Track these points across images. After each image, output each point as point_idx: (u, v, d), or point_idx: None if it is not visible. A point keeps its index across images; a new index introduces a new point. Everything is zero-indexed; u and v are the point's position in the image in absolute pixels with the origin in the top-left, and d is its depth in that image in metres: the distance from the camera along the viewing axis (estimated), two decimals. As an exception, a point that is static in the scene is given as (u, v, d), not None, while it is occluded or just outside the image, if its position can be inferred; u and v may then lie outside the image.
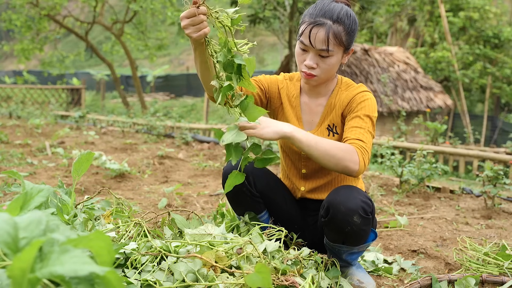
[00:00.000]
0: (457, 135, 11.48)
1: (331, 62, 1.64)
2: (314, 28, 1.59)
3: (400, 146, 5.74)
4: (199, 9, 1.35)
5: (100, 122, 8.64)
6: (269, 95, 1.85)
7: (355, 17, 1.67)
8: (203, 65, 1.53)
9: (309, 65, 1.64)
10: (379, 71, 10.63)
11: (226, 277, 1.43)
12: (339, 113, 1.77)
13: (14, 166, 4.03)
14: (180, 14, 10.49)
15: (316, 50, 1.61)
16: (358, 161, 1.54)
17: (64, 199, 1.77)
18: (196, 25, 1.37)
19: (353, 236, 1.61)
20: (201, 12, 1.36)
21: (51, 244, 0.76)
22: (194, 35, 1.38)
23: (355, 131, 1.63)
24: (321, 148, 1.52)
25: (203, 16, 1.36)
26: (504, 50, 13.92)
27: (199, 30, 1.37)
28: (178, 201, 3.05)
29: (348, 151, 1.54)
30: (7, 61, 36.65)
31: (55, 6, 12.17)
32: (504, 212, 3.11)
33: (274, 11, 11.49)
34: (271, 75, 1.89)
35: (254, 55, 27.61)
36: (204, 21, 1.37)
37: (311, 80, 1.69)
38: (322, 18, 1.60)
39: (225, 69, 1.44)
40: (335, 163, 1.54)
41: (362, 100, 1.70)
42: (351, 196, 1.57)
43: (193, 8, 1.35)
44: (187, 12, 1.37)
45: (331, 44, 1.60)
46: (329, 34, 1.58)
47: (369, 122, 1.66)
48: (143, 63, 27.84)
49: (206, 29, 1.38)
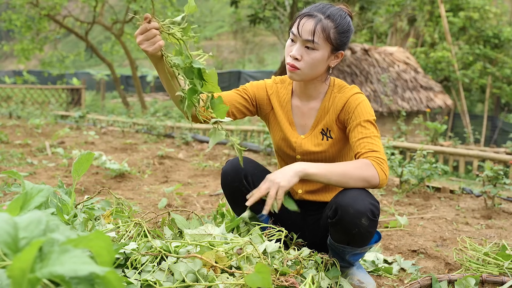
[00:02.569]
0: (457, 135, 11.48)
1: (315, 56, 1.63)
2: (304, 18, 1.62)
3: (400, 146, 5.74)
4: (150, 24, 1.41)
5: (100, 122, 8.63)
6: (257, 102, 1.85)
7: (350, 22, 1.67)
8: (168, 82, 1.56)
9: (293, 56, 1.64)
10: (379, 71, 10.63)
11: (226, 277, 1.43)
12: (333, 117, 1.76)
13: (14, 166, 4.03)
14: (179, 14, 10.63)
15: (303, 40, 1.61)
16: (377, 173, 1.55)
17: (64, 199, 1.77)
18: (150, 39, 1.42)
19: (359, 238, 1.61)
20: (153, 27, 1.41)
21: (51, 244, 0.76)
22: (150, 48, 1.43)
23: (363, 143, 1.63)
24: (337, 174, 1.55)
25: (155, 30, 1.42)
26: (504, 50, 13.91)
27: (153, 44, 1.42)
28: (178, 201, 3.05)
29: (365, 167, 1.55)
30: (7, 61, 36.65)
31: (55, 6, 12.17)
32: (504, 212, 3.11)
33: (274, 11, 11.49)
34: (259, 82, 1.88)
35: (254, 55, 27.56)
36: (157, 34, 1.42)
37: (294, 74, 1.67)
38: (315, 12, 1.62)
39: (186, 76, 1.45)
40: (355, 184, 1.56)
41: (357, 104, 1.70)
42: (360, 198, 1.57)
43: (145, 24, 1.41)
44: (139, 29, 1.43)
45: (317, 36, 1.60)
46: (317, 25, 1.59)
47: (372, 127, 1.66)
48: (143, 63, 27.83)
49: (161, 42, 1.43)
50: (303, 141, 1.80)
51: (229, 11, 20.21)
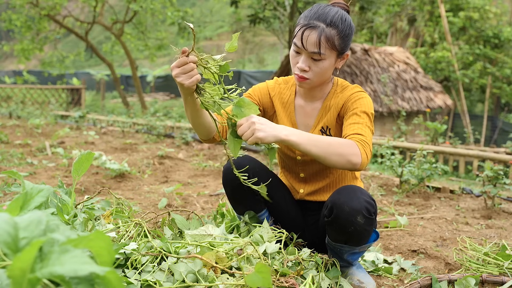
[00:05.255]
0: (457, 135, 11.47)
1: (324, 66, 1.63)
2: (307, 31, 1.59)
3: (400, 146, 5.74)
4: (188, 58, 1.41)
5: (100, 122, 8.63)
6: (262, 106, 1.86)
7: (350, 21, 1.66)
8: (195, 113, 1.57)
9: (301, 68, 1.63)
10: (379, 71, 10.63)
11: (226, 277, 1.43)
12: (334, 115, 1.76)
13: (14, 166, 4.03)
14: (179, 14, 10.42)
15: (308, 52, 1.60)
16: (360, 153, 1.51)
17: (64, 199, 1.77)
18: (187, 73, 1.42)
19: (356, 236, 1.61)
20: (191, 61, 1.42)
21: (51, 244, 0.76)
22: (186, 82, 1.42)
23: (353, 126, 1.62)
24: (320, 146, 1.49)
25: (193, 64, 1.42)
26: (504, 50, 13.91)
27: (190, 78, 1.42)
28: (178, 201, 3.05)
29: (348, 145, 1.52)
30: (7, 61, 36.65)
31: (55, 6, 12.17)
32: (504, 212, 3.11)
33: (274, 11, 11.48)
34: (261, 86, 1.88)
35: (254, 55, 27.48)
36: (194, 68, 1.43)
37: (303, 84, 1.68)
38: (315, 21, 1.59)
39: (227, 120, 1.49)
40: (336, 159, 1.50)
41: (358, 99, 1.70)
42: (355, 196, 1.57)
43: (183, 57, 1.41)
44: (177, 62, 1.42)
45: (323, 47, 1.59)
46: (321, 37, 1.57)
47: (366, 118, 1.65)
48: (143, 63, 27.84)
49: (197, 76, 1.43)
50: None
51: (229, 11, 20.22)
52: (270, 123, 1.48)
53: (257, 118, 1.45)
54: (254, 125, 1.43)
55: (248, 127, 1.44)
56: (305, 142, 1.48)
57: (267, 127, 1.45)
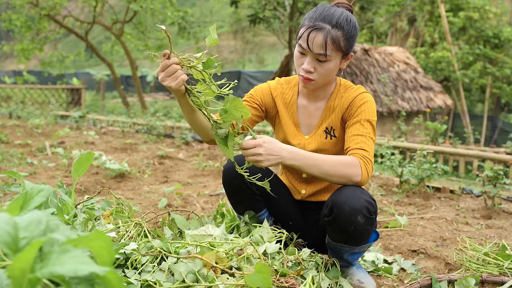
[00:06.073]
0: (457, 135, 11.47)
1: (329, 67, 1.64)
2: (313, 32, 1.59)
3: (400, 146, 5.74)
4: (170, 60, 1.42)
5: (100, 122, 8.63)
6: (265, 107, 1.86)
7: (355, 22, 1.66)
8: (192, 115, 1.58)
9: (306, 69, 1.64)
10: (379, 71, 10.63)
11: (226, 278, 1.43)
12: (339, 116, 1.77)
13: (14, 166, 4.03)
14: (179, 14, 10.38)
15: (314, 54, 1.61)
16: (361, 173, 1.58)
17: (64, 199, 1.77)
18: (172, 75, 1.43)
19: (356, 236, 1.61)
20: (173, 62, 1.42)
21: (51, 244, 0.76)
22: (173, 84, 1.43)
23: (356, 139, 1.65)
24: (323, 169, 1.56)
25: (176, 65, 1.42)
26: (504, 50, 13.91)
27: (176, 79, 1.43)
28: (178, 201, 3.05)
29: (350, 165, 1.57)
30: (7, 61, 36.65)
31: (55, 6, 12.16)
32: (504, 212, 3.11)
33: (274, 11, 11.48)
34: (263, 86, 1.88)
35: (254, 55, 27.41)
36: (178, 69, 1.43)
37: (308, 84, 1.69)
38: (321, 22, 1.59)
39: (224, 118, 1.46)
40: (339, 180, 1.59)
41: (362, 103, 1.70)
42: (355, 195, 1.57)
43: (165, 60, 1.42)
44: (160, 66, 1.43)
45: (329, 49, 1.59)
46: (327, 39, 1.58)
47: (370, 127, 1.67)
48: (143, 63, 27.84)
49: (183, 76, 1.43)
50: (307, 141, 1.81)
51: (229, 11, 20.20)
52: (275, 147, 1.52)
53: (263, 149, 1.49)
54: (260, 157, 1.49)
55: (253, 154, 1.49)
56: (308, 166, 1.56)
57: (272, 156, 1.50)
